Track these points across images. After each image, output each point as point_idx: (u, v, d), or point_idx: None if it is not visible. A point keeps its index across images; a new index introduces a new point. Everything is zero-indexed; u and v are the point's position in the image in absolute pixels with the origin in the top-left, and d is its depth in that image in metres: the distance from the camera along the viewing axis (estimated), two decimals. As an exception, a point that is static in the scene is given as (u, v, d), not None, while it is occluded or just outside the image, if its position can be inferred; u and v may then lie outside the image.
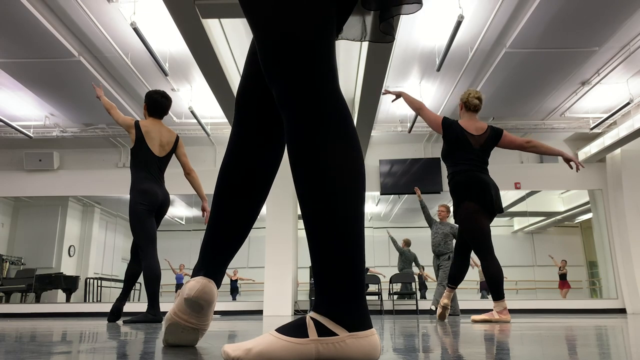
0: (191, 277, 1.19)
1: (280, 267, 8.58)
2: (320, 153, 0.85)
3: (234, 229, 1.18)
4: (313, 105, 0.87)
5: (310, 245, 0.88)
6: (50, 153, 9.23)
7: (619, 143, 8.11)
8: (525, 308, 8.80)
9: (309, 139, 0.86)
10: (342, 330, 0.82)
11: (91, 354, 1.07)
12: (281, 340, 0.82)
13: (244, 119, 1.17)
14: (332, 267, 0.84)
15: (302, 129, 0.87)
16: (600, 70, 6.80)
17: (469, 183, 3.50)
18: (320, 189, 0.85)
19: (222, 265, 1.19)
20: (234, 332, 2.02)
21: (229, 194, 1.17)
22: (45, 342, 1.50)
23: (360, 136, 7.76)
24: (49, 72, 6.42)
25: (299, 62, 0.87)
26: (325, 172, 0.85)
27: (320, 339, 0.82)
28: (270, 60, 0.89)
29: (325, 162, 0.85)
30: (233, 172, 1.16)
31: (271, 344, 0.82)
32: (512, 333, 1.80)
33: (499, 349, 1.13)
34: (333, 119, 0.87)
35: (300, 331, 0.83)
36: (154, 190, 3.78)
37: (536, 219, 11.12)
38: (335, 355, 0.82)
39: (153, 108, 3.96)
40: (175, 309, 1.22)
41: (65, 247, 10.30)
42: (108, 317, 3.86)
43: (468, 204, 3.50)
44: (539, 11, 5.15)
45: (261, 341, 0.83)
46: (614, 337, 1.53)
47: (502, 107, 7.74)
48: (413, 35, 6.00)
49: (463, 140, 3.58)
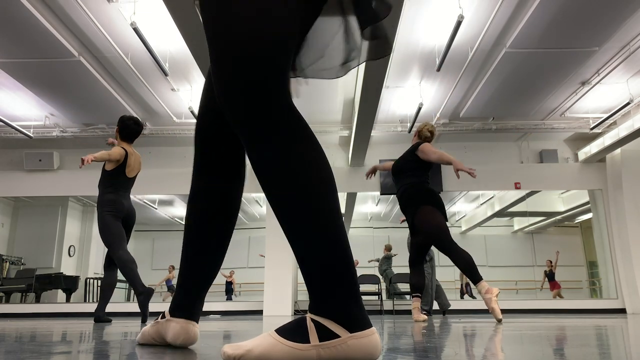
0: (170, 313, 1.24)
1: (280, 267, 8.58)
2: (286, 158, 0.85)
3: (206, 267, 1.24)
4: (273, 118, 0.86)
5: (295, 249, 0.86)
6: (50, 153, 9.22)
7: (619, 143, 8.11)
8: (525, 308, 8.80)
9: (273, 150, 0.85)
10: (343, 331, 0.81)
11: (91, 354, 1.07)
12: (282, 345, 0.81)
13: (206, 163, 1.20)
14: (321, 266, 0.83)
15: (265, 142, 0.86)
16: (600, 70, 6.80)
17: (433, 192, 3.95)
18: (293, 191, 0.85)
19: (200, 301, 1.25)
20: (234, 332, 2.02)
21: (199, 237, 1.23)
22: (45, 342, 1.50)
23: (360, 136, 7.76)
24: (49, 72, 6.42)
25: (260, 78, 0.85)
26: (294, 172, 0.85)
27: (322, 344, 0.81)
28: (228, 78, 0.86)
29: (293, 163, 0.85)
30: (201, 216, 1.22)
31: (272, 347, 0.81)
32: (512, 333, 1.80)
33: (498, 349, 1.13)
34: (292, 126, 0.87)
35: (301, 335, 0.82)
36: (120, 200, 4.05)
37: (536, 219, 11.11)
38: (337, 357, 0.81)
39: (127, 133, 4.23)
40: (153, 335, 1.29)
41: (65, 247, 10.30)
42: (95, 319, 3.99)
43: (426, 207, 3.86)
44: (539, 11, 5.15)
45: (261, 342, 0.82)
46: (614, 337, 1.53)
47: (502, 107, 7.74)
48: (413, 35, 6.00)
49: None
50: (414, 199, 3.93)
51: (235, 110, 0.86)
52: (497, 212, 11.10)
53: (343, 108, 8.09)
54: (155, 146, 9.15)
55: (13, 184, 9.31)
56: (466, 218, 11.66)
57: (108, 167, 4.10)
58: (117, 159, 4.07)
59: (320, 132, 8.61)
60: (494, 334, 1.79)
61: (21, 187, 9.31)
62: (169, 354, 1.06)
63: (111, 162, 4.08)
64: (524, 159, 9.42)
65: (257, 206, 11.80)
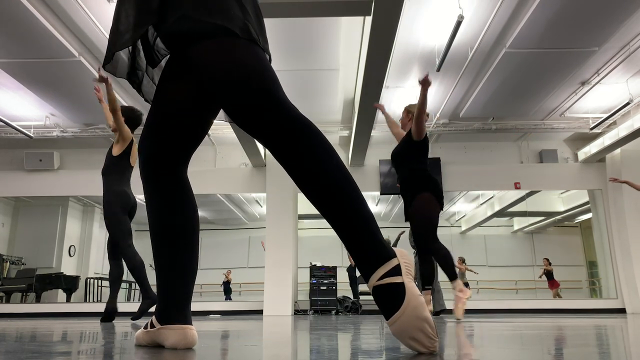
0: (159, 321, 1.25)
1: (280, 267, 8.58)
2: (317, 147, 1.06)
3: (184, 274, 1.25)
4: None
5: (347, 219, 1.01)
6: (50, 153, 9.23)
7: (618, 143, 8.11)
8: (525, 308, 8.80)
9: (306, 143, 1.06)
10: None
11: (91, 354, 1.07)
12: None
13: (162, 187, 1.25)
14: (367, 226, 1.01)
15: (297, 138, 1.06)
16: (600, 70, 6.80)
17: (432, 178, 3.94)
18: (331, 169, 1.04)
19: (188, 303, 1.26)
20: (234, 332, 2.03)
21: (168, 251, 1.24)
22: (45, 342, 1.50)
23: (360, 136, 7.76)
24: (49, 72, 6.42)
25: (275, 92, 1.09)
26: (326, 155, 1.06)
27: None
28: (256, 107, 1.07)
29: (318, 149, 1.06)
30: (167, 232, 1.24)
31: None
32: (512, 333, 1.81)
33: (498, 349, 1.13)
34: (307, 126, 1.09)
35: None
36: (127, 193, 4.06)
37: (536, 219, 11.12)
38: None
39: (134, 122, 4.23)
40: (149, 342, 1.29)
41: (66, 247, 10.30)
42: (103, 317, 3.91)
43: (425, 194, 3.86)
44: (538, 11, 5.16)
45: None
46: (614, 337, 1.53)
47: (501, 107, 7.74)
48: (413, 35, 6.00)
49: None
50: (414, 184, 3.92)
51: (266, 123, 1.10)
52: (496, 212, 11.10)
53: (343, 108, 8.09)
54: (155, 146, 9.14)
55: (13, 184, 9.31)
56: (466, 218, 11.67)
57: (115, 152, 4.07)
58: (125, 137, 4.06)
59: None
60: (494, 334, 1.79)
61: (21, 187, 9.31)
62: (169, 354, 1.07)
63: (118, 144, 4.06)
64: (524, 159, 9.42)
65: (257, 206, 11.81)
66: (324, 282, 8.48)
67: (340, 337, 1.61)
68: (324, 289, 8.46)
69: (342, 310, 8.46)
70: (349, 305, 8.52)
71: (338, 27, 5.84)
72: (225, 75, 1.08)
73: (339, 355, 1.01)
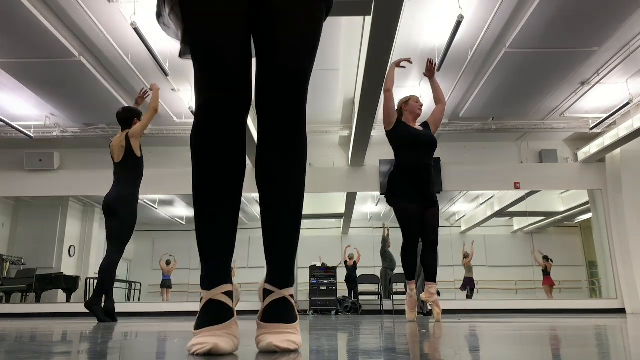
0: (203, 287, 1.09)
1: (280, 267, 8.56)
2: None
3: (227, 225, 1.14)
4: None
5: (282, 233, 1.18)
6: (50, 153, 9.23)
7: (618, 143, 8.11)
8: (524, 308, 8.80)
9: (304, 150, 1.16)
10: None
11: (92, 355, 1.07)
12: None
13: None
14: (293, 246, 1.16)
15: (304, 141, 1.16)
16: (600, 70, 6.80)
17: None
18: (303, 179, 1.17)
19: (229, 262, 1.14)
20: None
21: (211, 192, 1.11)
22: (45, 342, 1.50)
23: (360, 136, 7.76)
24: (49, 72, 6.42)
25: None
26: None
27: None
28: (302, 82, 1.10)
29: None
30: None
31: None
32: (512, 333, 1.81)
33: (498, 349, 1.13)
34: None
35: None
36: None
37: (536, 219, 11.12)
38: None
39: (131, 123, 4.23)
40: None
41: (66, 247, 10.30)
42: (106, 318, 3.91)
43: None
44: (538, 11, 5.16)
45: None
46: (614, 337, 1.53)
47: (501, 107, 7.74)
48: (413, 35, 6.00)
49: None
50: (435, 183, 3.91)
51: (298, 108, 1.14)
52: (496, 212, 11.10)
53: (343, 108, 8.09)
54: (155, 146, 9.14)
55: (13, 184, 9.31)
56: (466, 218, 11.67)
57: (138, 152, 4.01)
58: (144, 125, 4.08)
59: (320, 132, 8.61)
60: (494, 334, 1.79)
61: (21, 187, 9.31)
62: (170, 354, 1.07)
63: (137, 140, 4.01)
64: (524, 159, 9.42)
65: (257, 206, 11.80)
66: (324, 283, 8.48)
67: (340, 338, 1.61)
68: (323, 289, 8.46)
69: (342, 311, 8.46)
70: (349, 306, 8.52)
71: (338, 27, 5.84)
72: (305, 36, 1.08)
73: (339, 355, 1.01)
